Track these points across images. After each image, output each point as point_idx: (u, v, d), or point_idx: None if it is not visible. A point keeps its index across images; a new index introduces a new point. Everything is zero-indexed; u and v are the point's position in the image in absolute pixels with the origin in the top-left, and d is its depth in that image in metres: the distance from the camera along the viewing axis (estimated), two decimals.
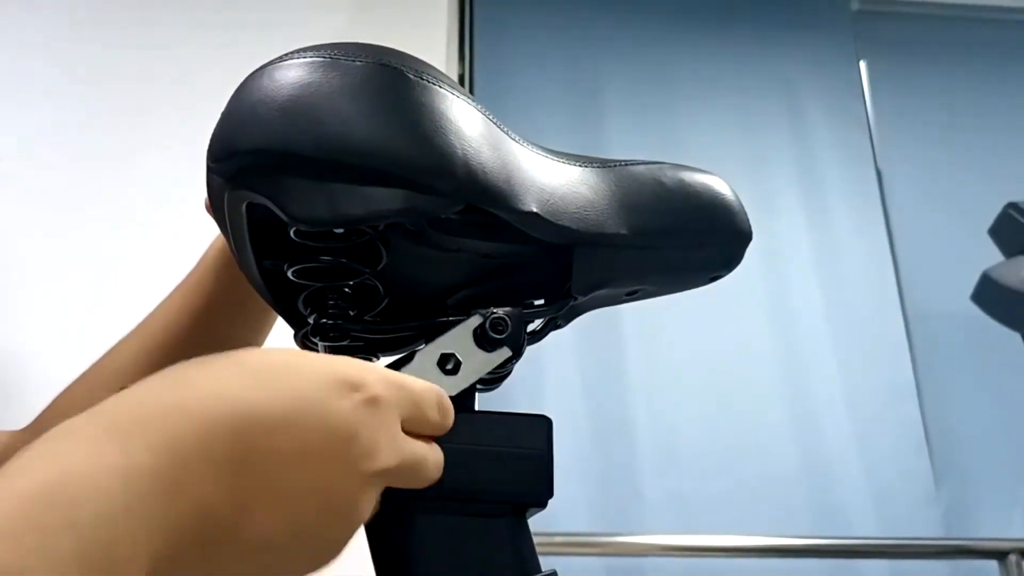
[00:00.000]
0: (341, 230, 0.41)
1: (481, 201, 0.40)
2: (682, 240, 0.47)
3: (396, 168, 0.37)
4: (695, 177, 0.49)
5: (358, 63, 0.38)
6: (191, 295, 0.61)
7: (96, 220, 1.52)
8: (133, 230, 1.51)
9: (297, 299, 0.46)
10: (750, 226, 0.49)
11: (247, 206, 0.40)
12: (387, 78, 0.39)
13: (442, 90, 0.40)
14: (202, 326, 0.60)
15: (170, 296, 0.62)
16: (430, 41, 1.78)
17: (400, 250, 0.44)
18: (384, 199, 0.38)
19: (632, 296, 0.50)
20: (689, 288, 0.51)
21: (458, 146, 0.39)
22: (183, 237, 0.65)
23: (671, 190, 0.47)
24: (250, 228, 0.41)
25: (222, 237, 0.61)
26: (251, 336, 0.63)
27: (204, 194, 0.48)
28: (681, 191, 0.47)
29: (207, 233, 0.61)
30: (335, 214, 0.38)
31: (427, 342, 0.43)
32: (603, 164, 0.47)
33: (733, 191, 0.49)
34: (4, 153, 1.51)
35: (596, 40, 2.00)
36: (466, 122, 0.40)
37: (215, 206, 0.42)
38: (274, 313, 0.54)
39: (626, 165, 0.47)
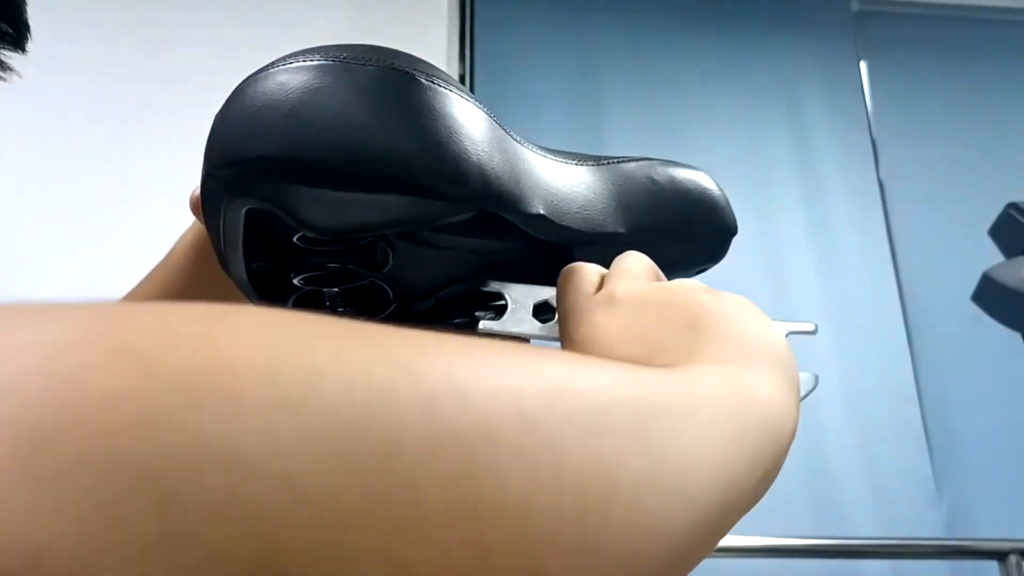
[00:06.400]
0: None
1: (494, 206, 0.39)
2: (674, 236, 0.48)
3: (411, 175, 0.36)
4: (684, 173, 0.49)
5: (369, 67, 0.37)
6: (168, 283, 0.59)
7: (96, 218, 1.52)
8: (134, 227, 1.51)
9: (287, 301, 0.46)
10: (735, 220, 0.50)
11: (246, 211, 0.39)
12: (399, 82, 0.37)
13: (452, 94, 0.39)
14: None
15: (142, 283, 0.60)
16: (430, 41, 1.78)
17: (398, 250, 0.44)
18: (398, 207, 0.37)
19: None
20: None
21: (472, 152, 0.38)
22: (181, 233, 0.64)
23: (664, 187, 0.48)
24: (244, 231, 0.40)
25: (193, 228, 0.60)
26: None
27: (190, 194, 0.47)
28: (672, 188, 0.48)
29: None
30: (348, 222, 0.37)
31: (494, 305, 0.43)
32: (597, 162, 0.47)
33: (719, 186, 0.50)
34: (5, 153, 1.51)
35: (596, 39, 2.00)
36: (476, 127, 0.39)
37: (209, 210, 0.41)
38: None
39: (619, 163, 0.48)
